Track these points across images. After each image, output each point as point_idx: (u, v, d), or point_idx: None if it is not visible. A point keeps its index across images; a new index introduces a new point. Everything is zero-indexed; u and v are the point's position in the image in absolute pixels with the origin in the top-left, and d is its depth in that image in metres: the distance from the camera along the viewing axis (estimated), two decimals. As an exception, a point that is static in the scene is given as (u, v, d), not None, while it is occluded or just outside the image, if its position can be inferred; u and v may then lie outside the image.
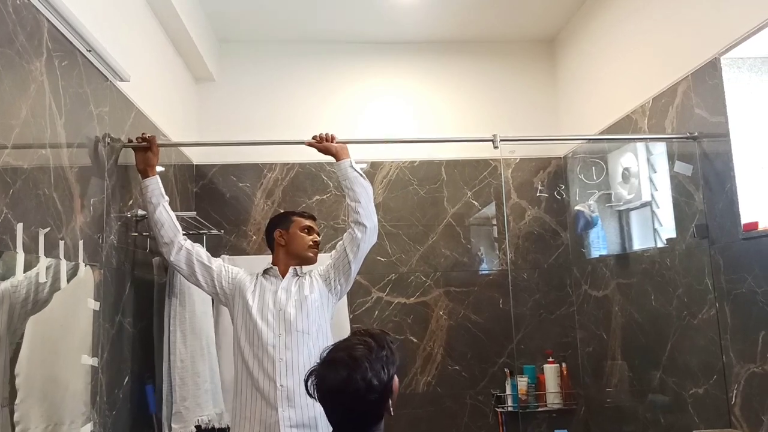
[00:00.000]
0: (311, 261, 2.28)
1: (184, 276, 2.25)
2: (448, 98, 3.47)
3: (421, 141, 2.49)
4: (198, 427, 2.39)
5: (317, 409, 1.42)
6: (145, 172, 2.17)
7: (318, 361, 1.41)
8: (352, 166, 2.22)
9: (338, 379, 1.34)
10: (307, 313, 2.13)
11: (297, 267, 2.26)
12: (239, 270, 2.26)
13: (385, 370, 1.37)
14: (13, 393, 1.41)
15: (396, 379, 1.41)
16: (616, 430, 2.90)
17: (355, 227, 2.18)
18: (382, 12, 3.16)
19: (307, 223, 2.29)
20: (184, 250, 2.17)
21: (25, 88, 1.47)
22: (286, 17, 3.19)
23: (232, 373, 2.82)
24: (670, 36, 2.37)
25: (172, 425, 2.24)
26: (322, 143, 2.27)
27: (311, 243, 2.27)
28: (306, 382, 1.40)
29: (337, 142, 2.27)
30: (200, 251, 2.21)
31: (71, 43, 1.71)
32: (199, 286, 2.24)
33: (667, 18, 2.39)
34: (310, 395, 1.39)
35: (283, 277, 2.23)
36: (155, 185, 2.17)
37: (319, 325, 2.14)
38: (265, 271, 2.25)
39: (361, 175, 2.22)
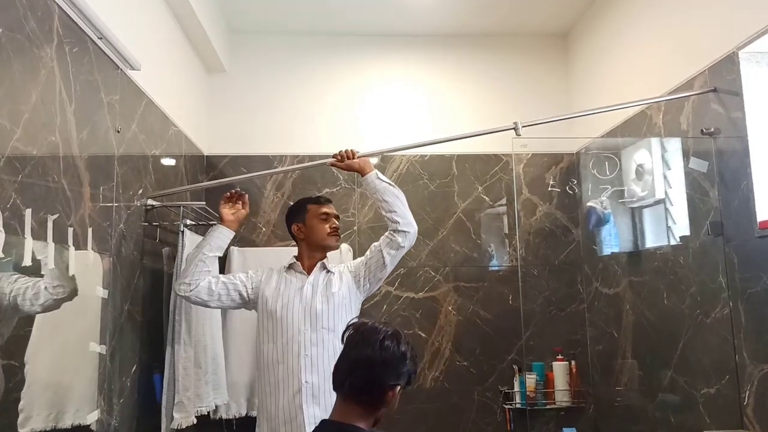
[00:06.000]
0: (334, 248, 2.26)
1: (208, 305, 2.19)
2: (461, 92, 3.44)
3: (438, 142, 2.42)
4: (204, 417, 2.39)
5: None
6: (233, 223, 2.18)
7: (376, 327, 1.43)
8: (379, 178, 2.19)
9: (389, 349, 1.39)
10: (333, 309, 2.10)
11: (324, 261, 2.22)
12: (259, 271, 2.23)
13: (398, 375, 1.39)
14: (21, 381, 1.42)
15: (397, 392, 1.41)
16: (625, 429, 2.87)
17: (397, 234, 2.16)
18: (394, 4, 3.14)
19: (323, 209, 2.24)
20: (205, 282, 2.12)
21: (35, 73, 1.47)
22: (298, 8, 3.18)
23: (249, 365, 2.82)
24: (686, 30, 2.33)
25: (174, 414, 2.25)
26: (344, 162, 2.23)
27: (329, 230, 2.22)
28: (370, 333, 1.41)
29: (358, 156, 2.23)
30: (227, 275, 2.21)
31: (82, 29, 1.71)
32: (228, 306, 2.22)
33: (683, 11, 2.35)
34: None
35: (309, 272, 2.19)
36: (228, 240, 2.18)
37: (345, 323, 2.11)
38: (290, 266, 2.22)
39: (390, 184, 2.20)
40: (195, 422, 2.33)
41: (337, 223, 2.26)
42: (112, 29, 1.82)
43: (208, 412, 2.45)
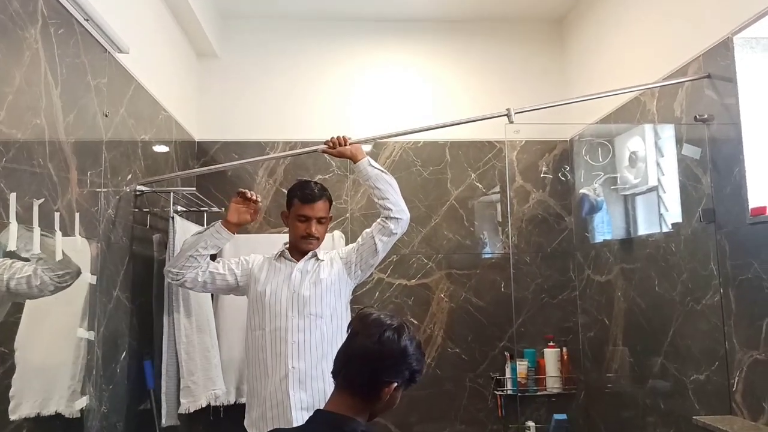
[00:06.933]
0: (305, 250, 2.18)
1: (194, 290, 2.25)
2: (455, 78, 3.42)
3: (431, 128, 2.39)
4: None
5: (328, 391, 1.38)
6: (234, 227, 2.15)
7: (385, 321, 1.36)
8: (371, 164, 2.17)
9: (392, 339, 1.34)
10: (321, 296, 2.10)
11: (316, 250, 2.20)
12: (250, 257, 2.22)
13: (395, 371, 1.34)
14: (11, 367, 1.41)
15: (394, 388, 1.35)
16: (615, 415, 2.89)
17: (389, 221, 2.14)
18: (388, -11, 3.11)
19: (304, 211, 2.13)
20: (192, 274, 2.11)
21: (18, 55, 1.44)
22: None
23: (239, 353, 2.83)
24: (681, 15, 2.31)
25: (181, 400, 2.25)
26: (336, 148, 2.20)
27: (304, 234, 2.14)
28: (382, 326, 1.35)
29: (350, 143, 2.20)
30: (215, 264, 2.19)
31: (68, 11, 1.68)
32: (215, 292, 2.31)
33: (679, -3, 2.33)
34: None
35: (299, 258, 2.18)
36: (226, 243, 2.18)
37: (333, 309, 2.11)
38: (280, 254, 2.21)
39: (382, 171, 2.18)
40: (204, 406, 2.34)
41: (314, 228, 2.14)
42: (99, 11, 1.79)
43: (214, 395, 2.46)
